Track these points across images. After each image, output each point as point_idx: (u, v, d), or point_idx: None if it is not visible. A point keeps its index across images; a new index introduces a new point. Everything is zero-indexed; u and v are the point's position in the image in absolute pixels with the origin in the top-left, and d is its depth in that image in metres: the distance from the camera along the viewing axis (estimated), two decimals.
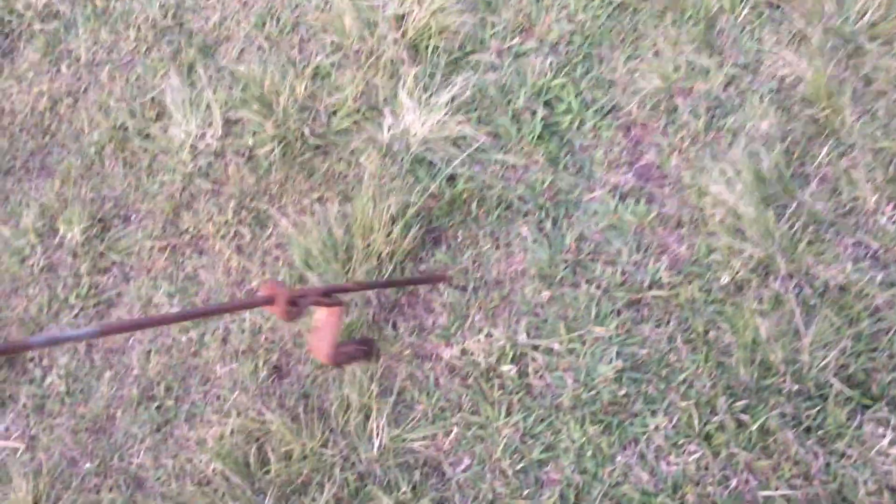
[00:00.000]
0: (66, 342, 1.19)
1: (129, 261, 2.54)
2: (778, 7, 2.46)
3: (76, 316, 2.46)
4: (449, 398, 2.13)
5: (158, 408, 2.30)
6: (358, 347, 2.14)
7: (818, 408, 1.90)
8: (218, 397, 2.27)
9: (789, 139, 2.23)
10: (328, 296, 1.87)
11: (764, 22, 2.45)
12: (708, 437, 1.94)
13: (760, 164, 2.21)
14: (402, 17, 2.77)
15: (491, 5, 2.75)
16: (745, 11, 2.47)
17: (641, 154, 2.38)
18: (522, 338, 2.16)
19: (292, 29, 2.88)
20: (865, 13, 2.32)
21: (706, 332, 2.06)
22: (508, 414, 2.07)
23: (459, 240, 2.36)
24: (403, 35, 2.73)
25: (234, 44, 2.90)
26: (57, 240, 2.61)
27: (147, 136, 2.76)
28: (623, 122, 2.44)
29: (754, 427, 1.90)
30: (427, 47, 2.70)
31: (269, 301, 1.69)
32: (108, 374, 2.36)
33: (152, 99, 2.84)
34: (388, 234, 2.32)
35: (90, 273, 2.53)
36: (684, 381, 2.01)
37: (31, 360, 2.43)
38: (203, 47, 2.92)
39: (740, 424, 1.93)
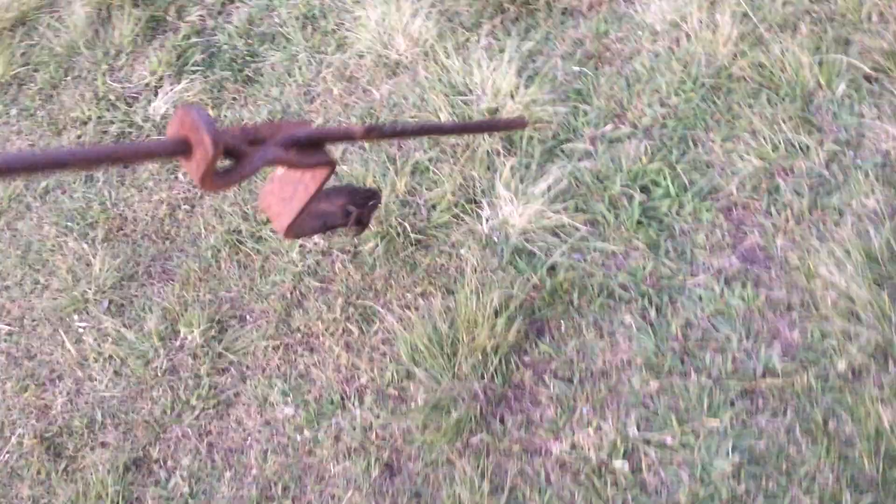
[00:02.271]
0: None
1: (246, 360, 2.65)
2: (876, 80, 2.42)
3: (197, 417, 2.57)
4: (561, 496, 2.12)
5: None
6: (339, 209, 1.39)
7: None
8: (332, 496, 2.32)
9: None
10: (314, 146, 1.13)
11: (863, 96, 2.41)
12: None
13: (870, 242, 2.15)
14: (496, 110, 2.85)
15: (582, 94, 2.80)
16: (843, 86, 2.44)
17: (745, 236, 2.35)
18: (633, 431, 2.14)
19: None
20: None
21: (826, 423, 1.99)
22: None
23: (562, 330, 2.37)
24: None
25: (337, 145, 3.02)
26: (178, 342, 2.75)
27: (259, 238, 2.89)
28: (723, 204, 2.42)
29: None
30: (521, 138, 2.75)
31: (182, 148, 0.95)
32: (228, 475, 2.45)
33: None
34: (493, 328, 2.35)
35: (209, 374, 2.64)
36: (806, 475, 1.95)
37: (157, 461, 2.54)
38: None
39: None
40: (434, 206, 2.74)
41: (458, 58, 3.01)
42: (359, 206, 1.53)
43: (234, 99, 3.35)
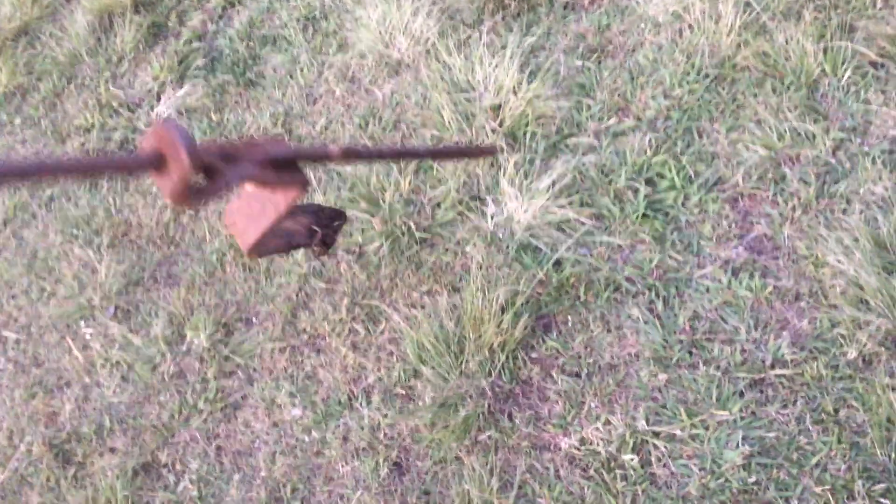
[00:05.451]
0: None
1: (253, 363, 2.64)
2: (882, 66, 2.39)
3: (205, 420, 2.56)
4: (571, 491, 2.10)
5: None
6: (304, 228, 1.38)
7: None
8: (341, 497, 2.31)
9: None
10: (289, 166, 1.09)
11: (869, 82, 2.38)
12: None
13: (878, 229, 2.12)
14: (499, 106, 2.83)
15: (585, 88, 2.78)
16: (848, 73, 2.41)
17: (751, 226, 2.33)
18: (642, 424, 2.12)
19: (394, 127, 2.98)
20: None
21: (837, 412, 1.96)
22: None
23: (570, 325, 2.36)
24: (501, 124, 2.79)
25: (341, 145, 3.01)
26: (185, 346, 2.75)
27: None
28: (729, 195, 2.40)
29: None
30: (525, 134, 2.74)
31: (156, 162, 0.93)
32: (236, 477, 2.44)
33: None
34: (499, 324, 2.34)
35: (217, 377, 2.64)
36: (817, 464, 1.92)
37: (165, 466, 2.54)
38: None
39: None
40: (438, 205, 2.73)
41: (459, 55, 3.00)
42: (324, 226, 1.49)
43: (237, 102, 3.35)
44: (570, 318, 2.37)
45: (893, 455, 1.86)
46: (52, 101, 3.74)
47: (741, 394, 2.07)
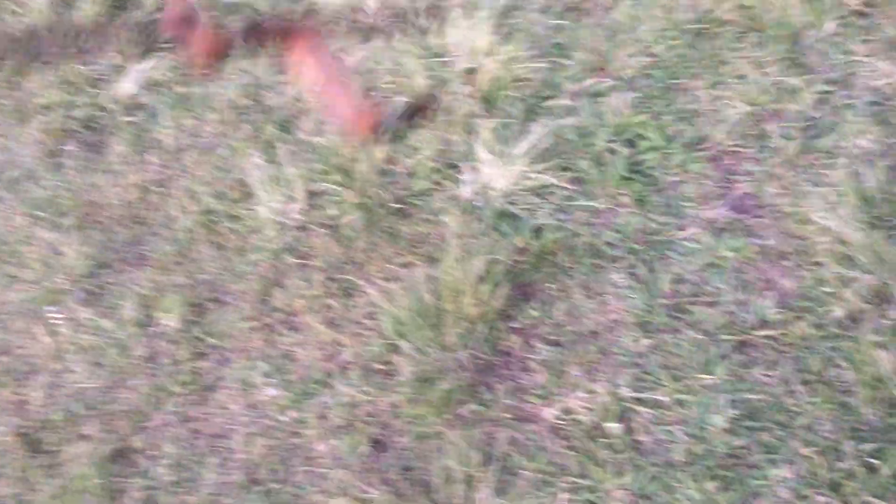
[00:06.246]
0: None
1: (226, 343, 2.56)
2: (866, 16, 2.32)
3: (180, 404, 2.48)
4: (554, 461, 2.04)
5: (266, 492, 2.29)
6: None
7: None
8: (321, 476, 2.24)
9: (893, 154, 2.09)
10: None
11: (853, 33, 2.33)
12: (836, 486, 1.79)
13: (864, 184, 2.07)
14: (474, 70, 2.75)
15: (562, 48, 2.71)
16: (832, 24, 2.34)
17: (734, 185, 2.27)
18: (625, 391, 2.06)
19: (366, 95, 2.89)
20: None
21: (823, 372, 1.91)
22: (619, 475, 1.96)
23: (550, 293, 2.29)
24: (476, 89, 2.71)
25: (312, 116, 2.93)
26: (156, 328, 2.66)
27: (234, 217, 2.80)
28: (712, 154, 2.33)
29: (887, 471, 1.74)
30: (501, 98, 2.66)
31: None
32: (213, 461, 2.36)
33: (237, 180, 2.89)
34: (478, 295, 2.27)
35: (190, 359, 2.56)
36: (805, 426, 1.87)
37: (139, 451, 2.46)
38: (282, 123, 2.97)
39: (871, 469, 1.77)
40: (413, 174, 2.66)
41: (432, 18, 2.91)
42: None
43: (203, 74, 3.26)
44: (550, 286, 2.30)
45: (882, 414, 1.82)
46: (14, 80, 3.63)
47: (726, 357, 2.02)
